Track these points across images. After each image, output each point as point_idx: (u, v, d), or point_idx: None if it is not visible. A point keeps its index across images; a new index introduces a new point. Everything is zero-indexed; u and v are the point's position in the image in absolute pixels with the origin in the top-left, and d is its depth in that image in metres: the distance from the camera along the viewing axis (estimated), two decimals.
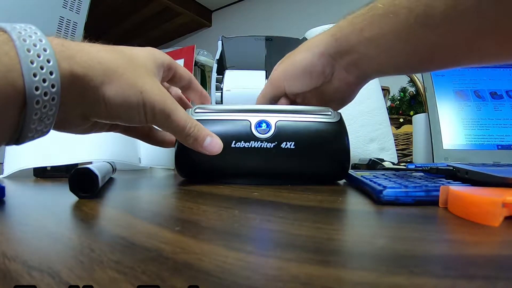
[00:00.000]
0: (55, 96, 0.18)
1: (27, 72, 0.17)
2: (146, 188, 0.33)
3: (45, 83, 0.18)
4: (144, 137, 0.32)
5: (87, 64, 0.20)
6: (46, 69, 0.18)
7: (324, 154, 0.32)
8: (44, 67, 0.18)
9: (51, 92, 0.18)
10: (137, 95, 0.23)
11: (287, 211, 0.20)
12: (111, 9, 2.00)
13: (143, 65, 0.25)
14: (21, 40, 0.17)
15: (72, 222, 0.18)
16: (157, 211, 0.21)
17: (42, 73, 0.17)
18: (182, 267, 0.11)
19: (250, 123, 0.32)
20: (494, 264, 0.11)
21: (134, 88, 0.23)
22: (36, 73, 0.17)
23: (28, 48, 0.17)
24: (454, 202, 0.19)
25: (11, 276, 0.10)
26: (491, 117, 0.49)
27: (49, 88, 0.18)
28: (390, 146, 0.54)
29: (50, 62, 0.18)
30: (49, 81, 0.18)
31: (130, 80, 0.23)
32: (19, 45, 0.17)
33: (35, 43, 0.18)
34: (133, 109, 0.23)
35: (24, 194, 0.29)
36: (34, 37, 0.18)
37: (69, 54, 0.20)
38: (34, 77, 0.17)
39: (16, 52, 0.17)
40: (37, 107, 0.18)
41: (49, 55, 0.18)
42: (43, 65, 0.17)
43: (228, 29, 2.12)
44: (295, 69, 0.33)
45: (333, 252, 0.13)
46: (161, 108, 0.24)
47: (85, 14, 0.95)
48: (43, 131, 0.20)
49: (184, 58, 0.93)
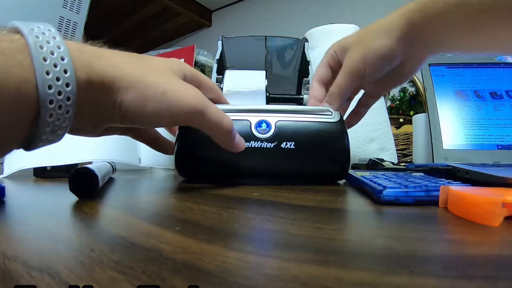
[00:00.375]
0: (70, 109, 0.17)
1: (42, 84, 0.16)
2: (146, 188, 0.33)
3: (60, 95, 0.16)
4: (150, 142, 0.32)
5: (104, 71, 0.19)
6: (62, 81, 0.16)
7: (324, 154, 0.32)
8: (60, 78, 0.16)
9: (65, 105, 0.17)
10: (158, 97, 0.21)
11: (287, 211, 0.20)
12: (111, 9, 2.00)
13: (163, 69, 0.23)
14: (38, 47, 0.16)
15: (72, 222, 0.18)
16: (157, 211, 0.21)
17: (58, 85, 0.16)
18: (182, 267, 0.11)
19: (250, 123, 0.32)
20: (494, 264, 0.11)
21: (155, 89, 0.21)
22: (51, 85, 0.16)
23: (45, 57, 0.16)
24: (454, 202, 0.19)
25: (11, 276, 0.10)
26: (491, 117, 0.49)
27: (64, 101, 0.17)
28: (390, 146, 0.54)
29: (67, 73, 0.17)
30: (64, 94, 0.17)
31: (151, 82, 0.21)
32: (35, 54, 0.16)
33: (53, 51, 0.16)
34: (155, 113, 0.21)
35: (24, 194, 0.29)
36: (52, 43, 0.17)
37: (86, 61, 0.19)
38: (49, 90, 0.16)
39: (31, 61, 0.16)
40: (50, 120, 0.17)
41: (66, 65, 0.17)
42: (59, 76, 0.16)
43: (228, 29, 2.12)
44: (376, 56, 0.31)
45: (333, 252, 0.13)
46: (192, 105, 0.23)
47: (85, 14, 0.95)
48: (54, 140, 0.19)
49: (184, 58, 0.93)
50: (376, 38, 0.31)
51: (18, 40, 0.16)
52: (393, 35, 0.30)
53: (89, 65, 0.19)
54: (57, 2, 0.89)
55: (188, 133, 0.33)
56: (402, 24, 0.30)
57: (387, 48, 0.31)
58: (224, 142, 0.27)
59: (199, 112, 0.23)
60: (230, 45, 0.52)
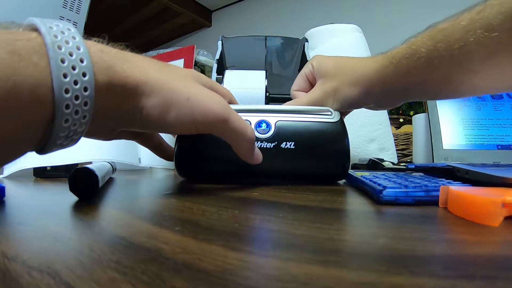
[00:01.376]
0: (87, 114, 0.16)
1: (58, 88, 0.15)
2: (146, 188, 0.33)
3: (78, 100, 0.15)
4: (154, 148, 0.32)
5: (126, 74, 0.18)
6: (80, 85, 0.15)
7: (324, 154, 0.32)
8: (78, 82, 0.15)
9: (82, 110, 0.16)
10: (182, 103, 0.21)
11: (287, 211, 0.20)
12: (111, 9, 2.00)
13: (187, 75, 0.23)
14: (56, 48, 0.15)
15: (72, 222, 0.18)
16: (157, 211, 0.21)
17: (75, 89, 0.15)
18: (182, 267, 0.11)
19: (250, 123, 0.32)
20: (494, 264, 0.11)
21: (179, 95, 0.21)
22: (68, 89, 0.15)
23: (63, 58, 0.15)
24: (454, 202, 0.19)
25: (11, 276, 0.10)
26: (491, 117, 0.49)
27: (81, 106, 0.16)
28: (390, 146, 0.54)
29: (86, 76, 0.16)
30: (82, 99, 0.16)
31: (175, 87, 0.21)
32: (52, 55, 0.15)
33: (72, 52, 0.15)
34: (178, 119, 0.21)
35: (24, 194, 0.29)
36: (71, 44, 0.16)
37: (108, 64, 0.18)
38: (66, 94, 0.15)
39: (47, 63, 0.15)
40: (66, 126, 0.16)
41: (85, 68, 0.16)
42: (77, 79, 0.15)
43: (228, 29, 2.12)
44: (344, 100, 0.34)
45: (333, 252, 0.13)
46: (216, 112, 0.22)
47: (85, 14, 0.95)
48: (69, 144, 0.18)
49: (184, 58, 0.93)
50: (347, 86, 0.34)
51: (35, 39, 0.15)
52: (362, 89, 0.33)
53: (110, 67, 0.18)
54: (57, 2, 0.89)
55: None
56: (373, 81, 0.32)
57: (355, 98, 0.34)
58: (245, 152, 0.26)
59: (223, 120, 0.23)
60: (230, 45, 0.52)
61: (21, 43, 0.14)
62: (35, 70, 0.14)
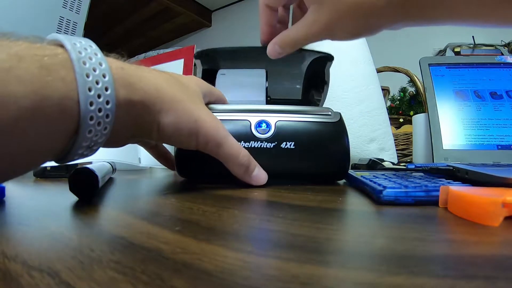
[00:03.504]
0: (108, 126, 0.18)
1: (84, 101, 0.16)
2: (146, 188, 0.33)
3: (100, 113, 0.17)
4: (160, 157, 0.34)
5: (144, 91, 0.20)
6: (103, 99, 0.17)
7: (324, 154, 0.32)
8: (101, 95, 0.16)
9: (104, 122, 0.17)
10: (191, 123, 0.23)
11: (287, 211, 0.20)
12: (111, 9, 2.00)
13: (195, 93, 0.25)
14: (81, 63, 0.16)
15: (72, 222, 0.18)
16: (157, 211, 0.21)
17: (98, 102, 0.16)
18: (182, 267, 0.11)
19: (250, 123, 0.32)
20: (494, 264, 0.11)
21: (190, 116, 0.23)
22: (93, 102, 0.16)
23: (88, 73, 0.16)
24: (454, 202, 0.19)
25: (11, 276, 0.10)
26: (491, 117, 0.49)
27: (104, 118, 0.17)
28: (390, 146, 0.54)
29: (108, 90, 0.17)
30: (104, 111, 0.17)
31: (187, 108, 0.23)
32: (78, 70, 0.16)
33: (95, 68, 0.16)
34: (186, 137, 0.23)
35: (24, 194, 0.29)
36: (94, 60, 0.17)
37: (128, 81, 0.19)
38: (91, 106, 0.16)
39: (74, 77, 0.15)
40: (89, 136, 0.17)
41: (107, 83, 0.17)
42: (100, 93, 0.16)
43: (228, 29, 2.12)
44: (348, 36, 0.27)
45: (333, 252, 0.13)
46: (214, 136, 0.25)
47: (85, 14, 0.95)
48: (88, 155, 0.19)
49: (184, 58, 0.93)
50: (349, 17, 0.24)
51: (61, 55, 0.16)
52: None
53: (130, 85, 0.19)
54: (57, 2, 0.89)
55: None
56: None
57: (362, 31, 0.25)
58: (238, 174, 0.28)
59: (218, 144, 0.25)
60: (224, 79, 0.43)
61: (48, 59, 0.15)
62: (62, 84, 0.15)
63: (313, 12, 0.26)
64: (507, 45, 0.85)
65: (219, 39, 2.17)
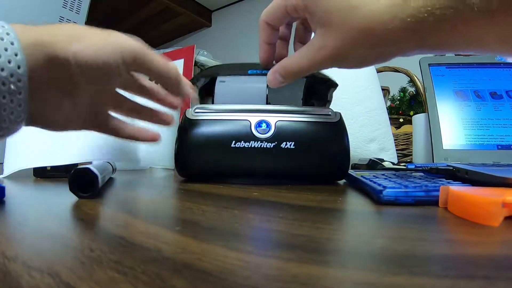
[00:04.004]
0: (20, 64, 0.18)
1: None
2: (146, 188, 0.33)
3: (7, 51, 0.17)
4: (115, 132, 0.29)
5: (53, 31, 0.20)
6: (6, 40, 0.17)
7: (324, 154, 0.32)
8: (4, 38, 0.17)
9: (15, 60, 0.18)
10: (111, 42, 0.22)
11: (287, 211, 0.20)
12: (111, 9, 2.00)
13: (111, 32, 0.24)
14: None
15: (72, 222, 0.18)
16: (157, 211, 0.21)
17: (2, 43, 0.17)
18: (182, 267, 0.11)
19: (250, 123, 0.32)
20: (494, 264, 0.11)
21: (107, 39, 0.22)
22: None
23: None
24: (454, 202, 0.19)
25: (11, 276, 0.10)
26: (491, 117, 0.49)
27: (12, 56, 0.18)
28: (390, 146, 0.54)
29: (10, 34, 0.18)
30: (11, 50, 0.18)
31: (101, 35, 0.22)
32: None
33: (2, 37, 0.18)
34: (110, 54, 0.22)
35: (24, 194, 0.29)
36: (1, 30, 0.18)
37: (33, 29, 0.20)
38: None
39: None
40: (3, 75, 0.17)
41: (8, 29, 0.18)
42: (2, 37, 0.17)
43: (228, 29, 2.12)
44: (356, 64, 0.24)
45: (333, 252, 0.13)
46: (141, 50, 0.23)
47: (85, 14, 0.95)
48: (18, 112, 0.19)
49: (184, 58, 0.93)
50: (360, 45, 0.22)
51: None
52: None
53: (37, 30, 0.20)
54: (57, 2, 0.89)
55: (188, 133, 0.33)
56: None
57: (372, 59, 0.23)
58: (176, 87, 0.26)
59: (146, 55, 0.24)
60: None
61: None
62: None
63: (319, 37, 0.23)
64: None
65: (219, 39, 2.17)
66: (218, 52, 1.39)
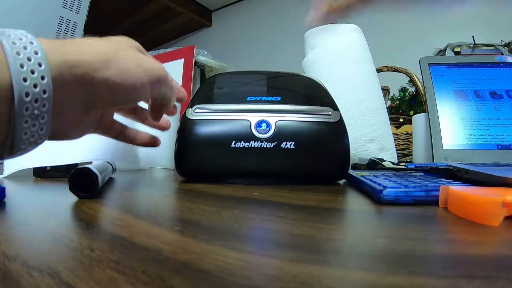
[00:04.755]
0: (46, 89, 0.17)
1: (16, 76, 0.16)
2: (146, 188, 0.33)
3: (36, 88, 0.17)
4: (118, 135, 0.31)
5: (80, 51, 0.20)
6: (37, 74, 0.17)
7: (324, 154, 0.32)
8: (35, 71, 0.17)
9: (41, 84, 0.17)
10: (136, 68, 0.23)
11: (287, 211, 0.20)
12: (111, 9, 2.00)
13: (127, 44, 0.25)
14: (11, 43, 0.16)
15: (72, 222, 0.18)
16: (157, 211, 0.21)
17: (33, 78, 0.16)
18: (182, 267, 0.11)
19: (250, 123, 0.32)
20: (494, 264, 0.11)
21: (132, 62, 0.23)
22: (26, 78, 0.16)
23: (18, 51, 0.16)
24: (454, 202, 0.19)
25: (11, 276, 0.10)
26: (491, 117, 0.49)
27: (39, 79, 0.17)
28: (390, 146, 0.54)
29: (42, 66, 0.17)
30: (40, 86, 0.17)
31: (126, 56, 0.23)
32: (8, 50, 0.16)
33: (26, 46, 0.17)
34: (139, 81, 0.23)
35: (24, 194, 0.29)
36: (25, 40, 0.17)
37: (60, 46, 0.19)
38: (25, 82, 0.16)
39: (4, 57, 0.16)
40: (27, 100, 0.16)
41: (36, 47, 0.17)
42: (34, 69, 0.17)
43: (228, 29, 2.12)
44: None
45: (333, 252, 0.13)
46: (164, 72, 0.25)
47: (85, 14, 0.95)
48: (40, 135, 0.19)
49: (184, 58, 0.93)
50: None
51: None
52: None
53: (62, 47, 0.19)
54: (57, 2, 0.89)
55: (188, 133, 0.33)
56: None
57: None
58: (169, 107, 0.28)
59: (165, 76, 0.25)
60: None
61: None
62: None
63: None
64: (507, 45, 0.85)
65: (219, 39, 2.17)
66: (218, 52, 1.39)
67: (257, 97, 0.34)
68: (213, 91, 0.38)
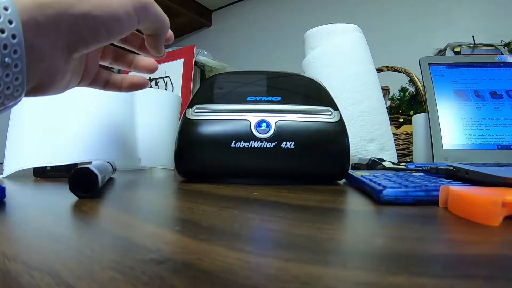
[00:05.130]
0: (16, 33, 0.16)
1: None
2: (146, 188, 0.33)
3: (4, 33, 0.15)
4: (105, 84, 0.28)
5: None
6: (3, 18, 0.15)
7: (324, 154, 0.32)
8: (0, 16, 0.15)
9: (8, 28, 0.15)
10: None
11: (287, 211, 0.20)
12: None
13: None
14: None
15: (72, 222, 0.18)
16: (157, 211, 0.21)
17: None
18: (182, 267, 0.11)
19: (250, 123, 0.32)
20: (494, 264, 0.11)
21: None
22: None
23: None
24: (454, 202, 0.19)
25: (11, 276, 0.10)
26: (491, 117, 0.49)
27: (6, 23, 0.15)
28: (390, 146, 0.54)
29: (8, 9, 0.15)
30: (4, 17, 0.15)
31: None
32: None
33: None
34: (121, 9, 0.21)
35: (24, 194, 0.29)
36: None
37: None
38: None
39: None
40: None
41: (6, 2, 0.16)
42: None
43: (228, 29, 2.12)
44: None
45: (333, 252, 0.13)
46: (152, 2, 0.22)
47: None
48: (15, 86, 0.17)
49: (184, 58, 0.93)
50: None
51: None
52: None
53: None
54: None
55: (188, 133, 0.33)
56: None
57: None
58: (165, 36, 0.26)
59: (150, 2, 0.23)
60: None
61: None
62: None
63: None
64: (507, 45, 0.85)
65: (219, 39, 2.17)
66: (218, 52, 1.39)
67: (257, 97, 0.34)
68: (213, 91, 0.38)
